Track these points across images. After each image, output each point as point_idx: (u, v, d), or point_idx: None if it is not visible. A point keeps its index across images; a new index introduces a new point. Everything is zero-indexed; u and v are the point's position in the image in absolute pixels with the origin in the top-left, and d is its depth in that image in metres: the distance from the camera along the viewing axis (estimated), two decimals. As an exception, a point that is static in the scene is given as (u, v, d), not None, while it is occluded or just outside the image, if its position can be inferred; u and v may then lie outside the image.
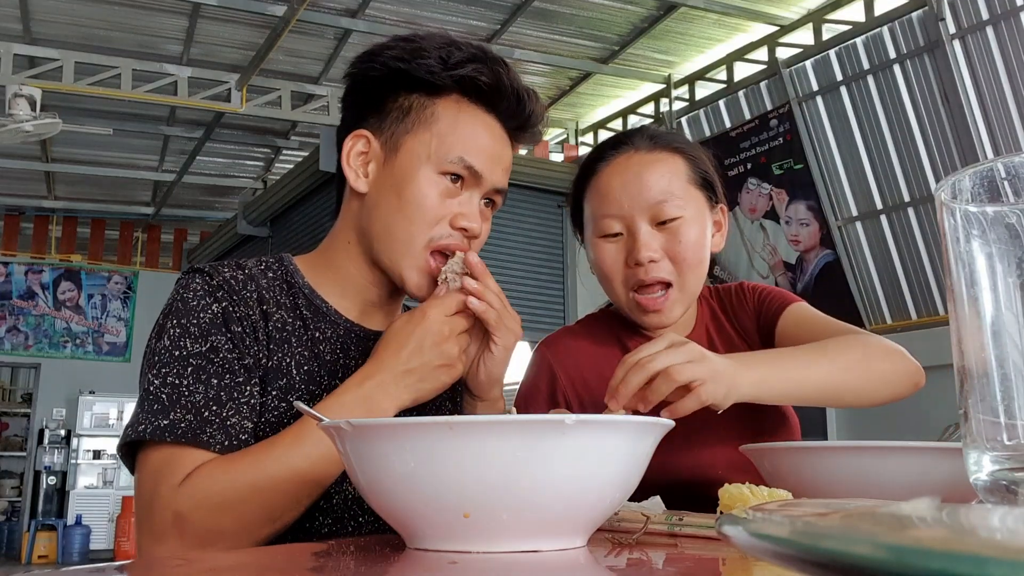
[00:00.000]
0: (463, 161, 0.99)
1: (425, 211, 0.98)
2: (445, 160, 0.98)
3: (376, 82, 1.02)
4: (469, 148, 0.99)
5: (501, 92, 1.01)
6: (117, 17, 5.67)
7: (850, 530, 0.23)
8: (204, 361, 0.90)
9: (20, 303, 9.58)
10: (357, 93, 1.05)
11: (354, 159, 1.02)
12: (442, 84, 0.99)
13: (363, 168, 1.02)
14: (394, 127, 1.00)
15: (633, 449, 0.60)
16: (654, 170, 1.16)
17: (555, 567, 0.55)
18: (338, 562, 0.63)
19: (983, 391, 0.38)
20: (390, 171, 1.00)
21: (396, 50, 1.00)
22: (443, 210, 0.99)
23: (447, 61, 0.99)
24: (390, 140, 1.00)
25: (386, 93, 1.01)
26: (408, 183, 0.98)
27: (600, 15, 5.71)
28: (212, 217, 9.52)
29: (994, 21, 4.68)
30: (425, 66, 0.98)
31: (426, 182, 0.98)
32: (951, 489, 0.70)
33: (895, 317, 5.37)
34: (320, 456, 0.85)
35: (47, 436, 9.30)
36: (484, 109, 1.02)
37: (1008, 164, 0.38)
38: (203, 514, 0.83)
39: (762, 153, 5.78)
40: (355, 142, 1.02)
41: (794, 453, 0.87)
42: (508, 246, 6.63)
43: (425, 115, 1.00)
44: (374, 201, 1.01)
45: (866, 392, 1.06)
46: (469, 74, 0.99)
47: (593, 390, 1.20)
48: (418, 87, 1.00)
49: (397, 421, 0.57)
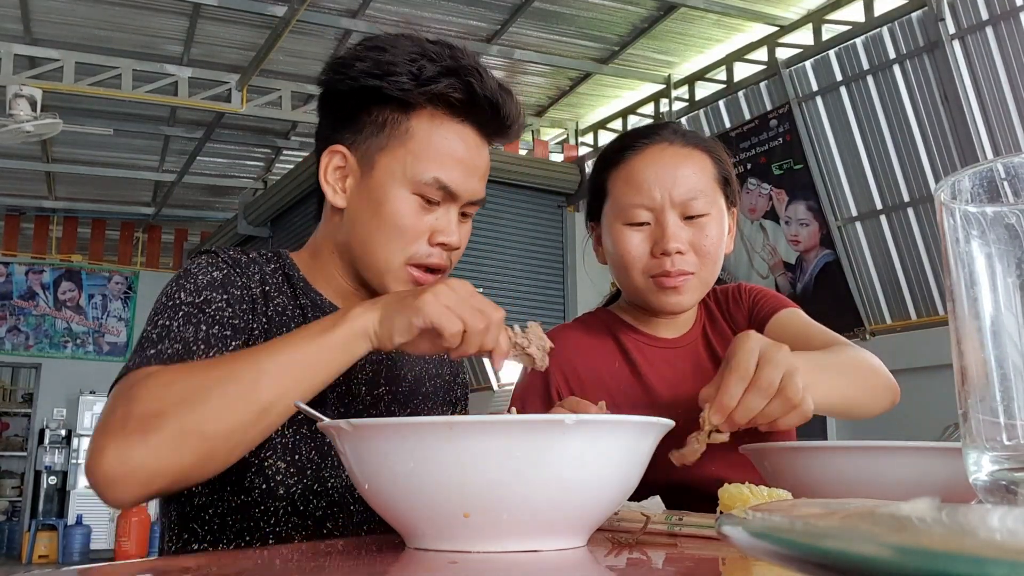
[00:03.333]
0: (438, 182, 0.98)
1: (402, 230, 0.98)
2: (420, 181, 0.97)
3: (348, 95, 1.01)
4: (444, 164, 0.98)
5: (475, 103, 0.99)
6: (117, 17, 5.67)
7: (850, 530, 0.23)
8: (195, 310, 0.91)
9: (21, 303, 9.58)
10: (330, 103, 1.05)
11: (331, 174, 1.02)
12: (415, 102, 0.98)
13: (341, 183, 1.02)
14: (369, 142, 1.00)
15: (633, 449, 0.60)
16: (687, 165, 1.18)
17: (555, 567, 0.56)
18: (338, 562, 0.63)
19: (983, 391, 0.38)
20: (366, 187, 1.00)
21: (367, 62, 0.98)
22: (421, 227, 0.99)
23: (419, 77, 0.97)
24: (365, 155, 1.00)
25: (359, 105, 1.01)
26: (384, 202, 0.98)
27: (600, 15, 5.71)
28: (212, 217, 9.52)
29: (994, 21, 4.67)
30: (397, 83, 0.97)
31: (402, 201, 0.98)
32: (951, 489, 0.69)
33: (895, 317, 5.37)
34: (285, 361, 0.79)
35: (48, 436, 9.30)
36: (459, 120, 1.00)
37: (1008, 164, 0.38)
38: (151, 397, 0.77)
39: (762, 153, 5.78)
40: (331, 158, 1.02)
41: (794, 453, 0.87)
42: (508, 246, 6.63)
43: (399, 131, 0.99)
44: (353, 217, 1.01)
45: (866, 408, 1.09)
46: (442, 91, 0.97)
47: (586, 386, 1.20)
48: (391, 100, 0.99)
49: (397, 421, 0.57)
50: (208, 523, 0.95)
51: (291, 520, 0.94)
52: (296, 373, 0.79)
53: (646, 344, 1.25)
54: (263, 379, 0.78)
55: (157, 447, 0.75)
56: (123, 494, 0.76)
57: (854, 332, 5.27)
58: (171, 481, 0.78)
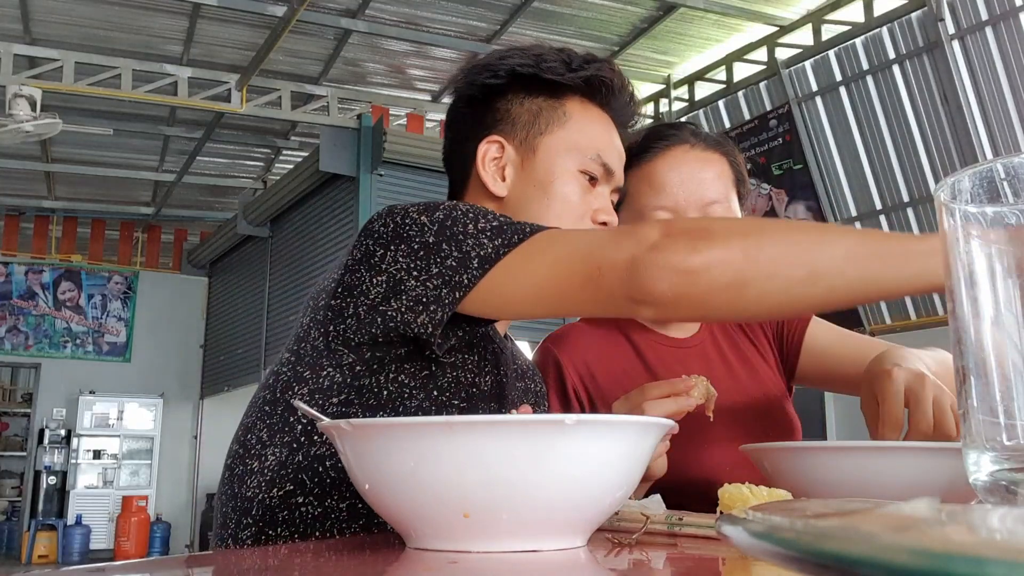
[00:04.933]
0: (600, 159, 1.03)
1: (573, 207, 1.01)
2: (585, 158, 1.02)
3: (497, 90, 1.05)
4: (602, 146, 1.04)
5: (616, 89, 1.06)
6: (117, 17, 5.68)
7: (850, 530, 0.23)
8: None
9: (20, 303, 9.58)
10: (473, 102, 1.07)
11: (489, 165, 1.04)
12: (569, 84, 1.03)
13: (499, 172, 1.04)
14: (527, 129, 1.03)
15: (633, 449, 0.60)
16: (710, 169, 1.19)
17: (555, 567, 0.56)
18: (338, 562, 0.63)
19: (983, 391, 0.38)
20: (531, 172, 1.02)
21: (515, 58, 1.03)
22: (586, 205, 1.02)
23: (570, 64, 1.03)
24: (525, 142, 1.03)
25: (507, 100, 1.04)
26: (552, 181, 1.01)
27: (600, 15, 5.71)
28: (212, 217, 9.53)
29: (993, 22, 4.68)
30: (551, 68, 1.02)
31: (570, 178, 1.02)
32: (951, 489, 0.70)
33: (895, 317, 5.37)
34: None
35: (47, 436, 9.30)
36: (603, 106, 1.06)
37: (1008, 165, 0.38)
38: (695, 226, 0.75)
39: (762, 153, 5.79)
40: (489, 147, 1.04)
41: (794, 453, 0.87)
42: (508, 246, 6.62)
43: (557, 116, 1.03)
44: (517, 203, 1.02)
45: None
46: (594, 73, 1.03)
47: (602, 386, 1.20)
48: (541, 91, 1.04)
49: (397, 421, 0.57)
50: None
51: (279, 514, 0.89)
52: (862, 264, 0.73)
53: (658, 344, 1.25)
54: (825, 247, 0.73)
55: (712, 256, 0.72)
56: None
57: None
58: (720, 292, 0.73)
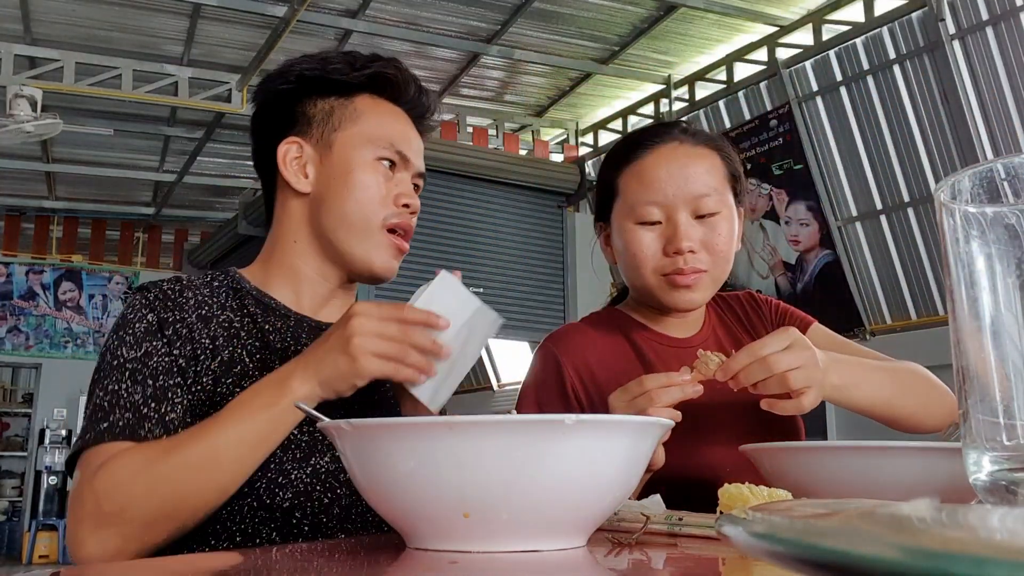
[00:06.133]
0: (393, 147, 1.10)
1: (373, 192, 1.08)
2: (379, 147, 1.09)
3: (290, 94, 1.12)
4: (395, 136, 1.11)
5: (404, 84, 1.14)
6: (117, 18, 5.68)
7: (850, 530, 0.23)
8: (140, 365, 0.97)
9: (21, 303, 9.58)
10: (271, 108, 1.15)
11: (290, 165, 1.10)
12: (354, 83, 1.11)
13: (301, 171, 1.11)
14: (322, 128, 1.11)
15: (633, 449, 0.60)
16: (699, 164, 1.19)
17: (555, 567, 0.56)
18: (338, 562, 0.63)
19: (983, 391, 0.38)
20: (329, 166, 1.09)
21: (304, 64, 1.12)
22: (386, 190, 1.09)
23: (354, 64, 1.11)
24: (321, 140, 1.10)
25: (301, 103, 1.12)
26: (351, 172, 1.08)
27: (600, 16, 5.71)
28: (213, 217, 9.52)
29: (994, 22, 4.68)
30: (337, 70, 1.11)
31: (368, 168, 1.09)
32: (951, 489, 0.69)
33: (895, 317, 5.37)
34: (236, 440, 0.87)
35: (48, 436, 9.29)
36: (392, 102, 1.14)
37: (1008, 165, 0.38)
38: (118, 494, 0.85)
39: (762, 153, 5.79)
40: (288, 148, 1.11)
41: (794, 453, 0.87)
42: (508, 246, 6.63)
43: (348, 112, 1.11)
44: (321, 197, 1.09)
45: (916, 419, 1.15)
46: (377, 71, 1.12)
47: (601, 385, 1.19)
48: (332, 92, 1.12)
49: (397, 421, 0.57)
50: None
51: (257, 514, 0.94)
52: (247, 448, 0.88)
53: (659, 343, 1.25)
54: (219, 459, 0.87)
55: (131, 536, 0.85)
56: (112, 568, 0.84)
57: (854, 332, 5.28)
58: (152, 550, 0.87)
